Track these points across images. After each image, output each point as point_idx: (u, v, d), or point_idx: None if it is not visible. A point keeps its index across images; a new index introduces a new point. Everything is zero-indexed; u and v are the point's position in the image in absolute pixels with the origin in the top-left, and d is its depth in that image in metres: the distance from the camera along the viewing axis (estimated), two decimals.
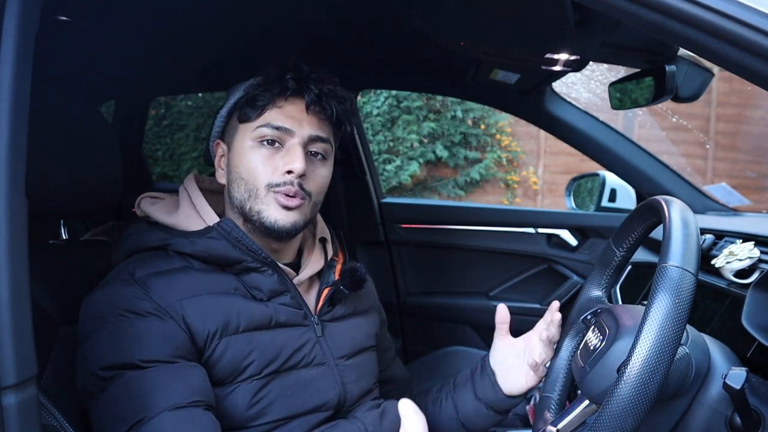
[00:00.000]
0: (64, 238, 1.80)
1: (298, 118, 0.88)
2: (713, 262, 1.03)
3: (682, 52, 1.35)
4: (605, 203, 1.84)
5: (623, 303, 1.39)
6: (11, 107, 0.55)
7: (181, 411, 0.73)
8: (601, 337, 0.76)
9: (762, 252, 0.97)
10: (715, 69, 1.42)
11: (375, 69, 1.91)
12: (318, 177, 0.91)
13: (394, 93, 5.55)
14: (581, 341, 0.83)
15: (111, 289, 0.81)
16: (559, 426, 0.77)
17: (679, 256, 0.64)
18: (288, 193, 0.86)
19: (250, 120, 0.89)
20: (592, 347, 0.76)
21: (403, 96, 5.59)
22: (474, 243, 2.01)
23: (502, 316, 1.00)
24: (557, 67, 1.40)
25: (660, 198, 0.74)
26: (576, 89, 4.91)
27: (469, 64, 1.56)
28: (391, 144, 5.68)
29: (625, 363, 0.61)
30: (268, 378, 0.84)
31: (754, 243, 1.00)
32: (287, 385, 0.85)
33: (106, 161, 0.95)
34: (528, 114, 1.84)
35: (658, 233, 0.90)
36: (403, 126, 5.66)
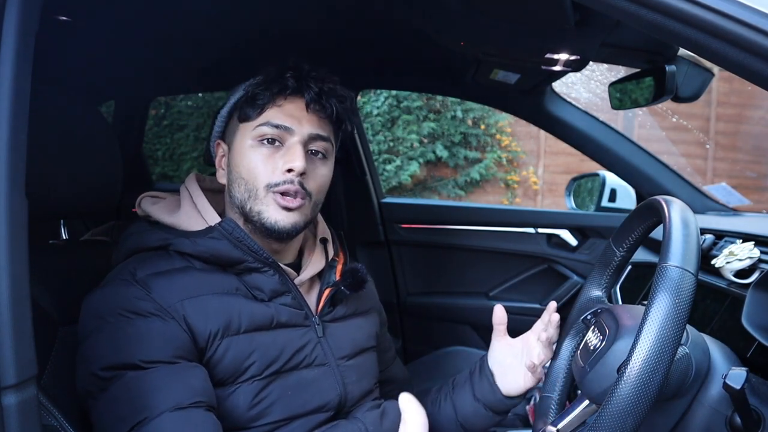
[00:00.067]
0: (64, 238, 1.80)
1: (298, 116, 0.88)
2: (713, 262, 1.03)
3: (682, 52, 1.35)
4: (605, 203, 1.84)
5: (623, 303, 1.39)
6: (11, 107, 0.55)
7: (183, 412, 0.73)
8: (601, 337, 0.76)
9: (762, 252, 0.97)
10: (715, 69, 1.42)
11: (375, 69, 1.91)
12: (318, 176, 0.91)
13: (394, 93, 5.55)
14: (581, 341, 0.83)
15: (111, 289, 0.81)
16: (559, 426, 0.77)
17: (679, 256, 0.64)
18: (288, 192, 0.86)
19: (250, 119, 0.89)
20: (592, 347, 0.76)
21: (403, 96, 5.59)
22: (474, 243, 2.01)
23: (499, 317, 0.99)
24: (557, 67, 1.40)
25: (660, 198, 0.74)
26: (576, 89, 4.91)
27: (469, 64, 1.56)
28: (391, 144, 5.68)
29: (625, 363, 0.61)
30: (269, 378, 0.84)
31: (754, 243, 1.00)
32: (288, 386, 0.85)
33: (106, 161, 0.95)
34: (528, 114, 1.84)
35: (658, 233, 0.90)
36: (403, 126, 5.66)
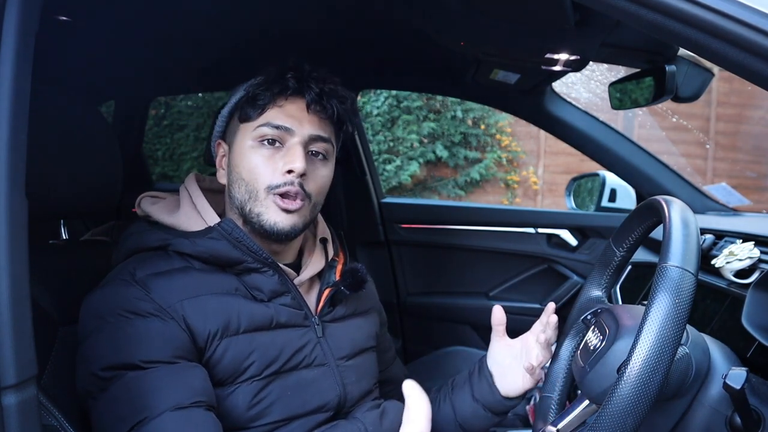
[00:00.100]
0: (64, 238, 1.80)
1: (298, 117, 0.88)
2: (713, 262, 1.03)
3: (682, 52, 1.35)
4: (605, 203, 1.84)
5: (623, 303, 1.39)
6: (11, 107, 0.55)
7: (183, 411, 0.73)
8: (601, 337, 0.76)
9: (762, 252, 0.97)
10: (715, 69, 1.42)
11: (375, 69, 1.91)
12: (318, 177, 0.91)
13: (394, 93, 5.55)
14: (581, 341, 0.83)
15: (111, 290, 0.81)
16: (559, 426, 0.77)
17: (679, 256, 0.64)
18: (289, 193, 0.86)
19: (250, 119, 0.89)
20: (592, 347, 0.76)
21: (403, 96, 5.59)
22: (474, 243, 2.01)
23: (498, 317, 0.99)
24: (557, 67, 1.40)
25: (660, 198, 0.74)
26: (576, 89, 4.91)
27: (469, 64, 1.56)
28: (391, 144, 5.68)
29: (625, 363, 0.61)
30: (268, 379, 0.84)
31: (754, 243, 1.00)
32: (288, 386, 0.85)
33: (106, 161, 0.95)
34: (528, 114, 1.84)
35: (658, 233, 0.90)
36: (403, 126, 5.66)
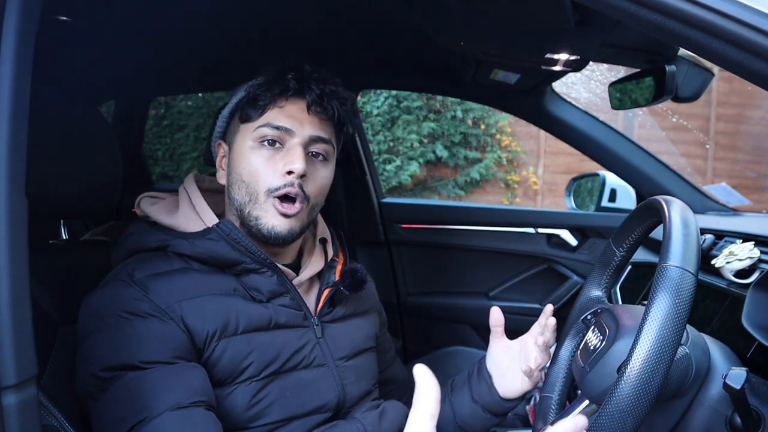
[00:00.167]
0: (64, 238, 1.80)
1: (299, 118, 0.88)
2: (713, 262, 1.03)
3: (682, 52, 1.35)
4: (605, 203, 1.84)
5: (623, 303, 1.39)
6: (11, 107, 0.55)
7: (183, 411, 0.73)
8: (601, 337, 0.76)
9: (762, 252, 0.97)
10: (715, 69, 1.42)
11: (375, 69, 1.91)
12: (318, 178, 0.90)
13: (394, 93, 5.55)
14: (581, 341, 0.83)
15: (110, 290, 0.81)
16: None
17: (679, 256, 0.64)
18: (289, 194, 0.86)
19: (251, 120, 0.89)
20: (592, 347, 0.76)
21: (403, 96, 5.59)
22: (474, 243, 2.01)
23: (496, 318, 0.99)
24: (557, 67, 1.40)
25: (660, 198, 0.74)
26: (576, 89, 4.91)
27: (469, 64, 1.56)
28: (391, 144, 5.68)
29: (625, 363, 0.61)
30: (267, 379, 0.84)
31: (754, 243, 1.00)
32: (287, 387, 0.85)
33: (106, 161, 0.95)
34: (528, 114, 1.84)
35: (658, 233, 0.90)
36: (403, 126, 5.66)
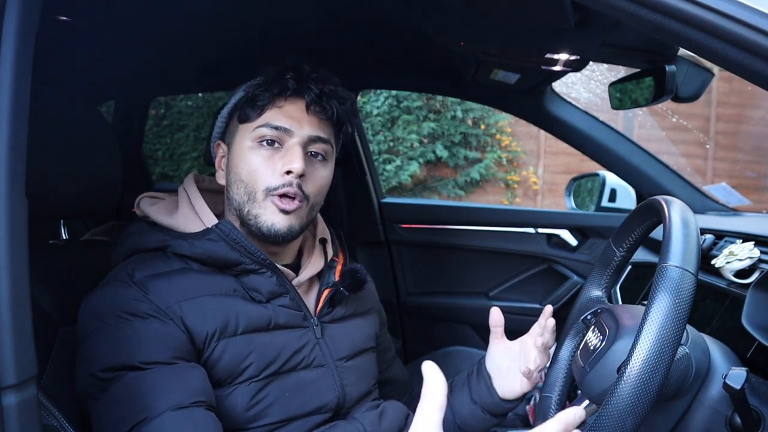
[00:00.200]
0: (64, 238, 1.80)
1: (297, 118, 0.88)
2: (713, 262, 1.03)
3: (682, 52, 1.35)
4: (605, 203, 1.84)
5: (623, 303, 1.39)
6: (11, 107, 0.55)
7: (183, 411, 0.73)
8: (601, 337, 0.76)
9: (762, 252, 0.97)
10: (715, 69, 1.42)
11: (375, 69, 1.91)
12: (317, 178, 0.90)
13: (394, 93, 5.55)
14: (581, 341, 0.83)
15: (110, 290, 0.81)
16: None
17: (679, 256, 0.64)
18: (288, 194, 0.86)
19: (250, 120, 0.89)
20: (592, 347, 0.76)
21: (403, 96, 5.58)
22: (474, 243, 2.01)
23: (495, 319, 0.99)
24: (557, 67, 1.40)
25: (660, 198, 0.74)
26: (576, 89, 4.91)
27: (469, 64, 1.56)
28: (391, 144, 5.67)
29: (625, 363, 0.61)
30: (266, 380, 0.84)
31: (754, 243, 1.00)
32: (286, 387, 0.85)
33: (106, 161, 0.95)
34: (528, 114, 1.84)
35: (658, 233, 0.90)
36: (403, 126, 5.66)
